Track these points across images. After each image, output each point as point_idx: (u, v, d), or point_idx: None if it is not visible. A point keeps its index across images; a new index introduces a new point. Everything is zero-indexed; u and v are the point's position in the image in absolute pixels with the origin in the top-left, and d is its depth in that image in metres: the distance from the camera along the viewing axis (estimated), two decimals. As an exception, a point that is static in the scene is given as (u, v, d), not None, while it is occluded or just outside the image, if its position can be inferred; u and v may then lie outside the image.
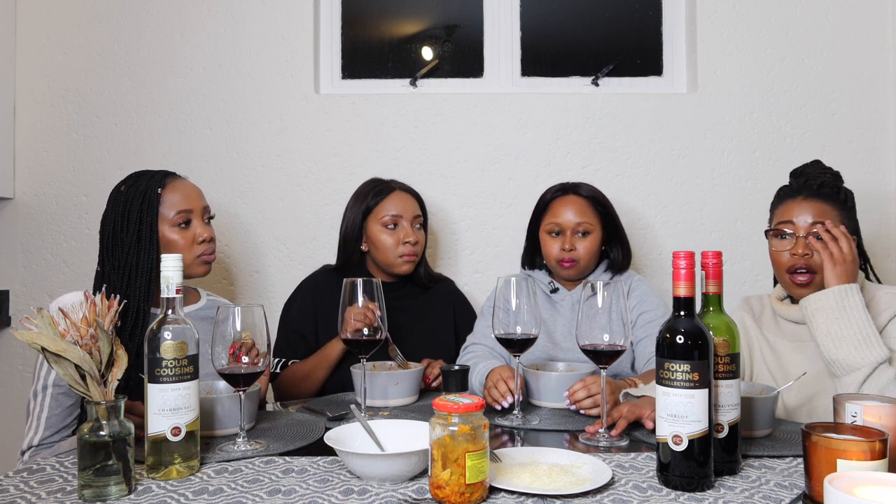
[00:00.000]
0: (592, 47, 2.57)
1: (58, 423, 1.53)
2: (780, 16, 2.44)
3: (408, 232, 1.99)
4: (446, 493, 1.02)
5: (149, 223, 1.61)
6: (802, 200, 1.62)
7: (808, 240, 1.58)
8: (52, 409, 1.52)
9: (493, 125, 2.45)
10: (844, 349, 1.45)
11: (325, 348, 1.88)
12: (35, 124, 2.45)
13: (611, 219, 1.97)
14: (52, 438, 1.52)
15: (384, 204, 2.01)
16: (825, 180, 1.63)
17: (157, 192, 1.64)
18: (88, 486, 1.05)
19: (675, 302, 1.12)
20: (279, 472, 1.18)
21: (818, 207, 1.60)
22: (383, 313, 1.52)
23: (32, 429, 1.52)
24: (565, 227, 1.90)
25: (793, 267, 1.60)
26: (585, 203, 1.93)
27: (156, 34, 2.44)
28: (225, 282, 2.44)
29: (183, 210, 1.65)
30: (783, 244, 1.63)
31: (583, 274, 1.96)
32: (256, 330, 1.30)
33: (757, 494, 1.07)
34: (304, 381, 1.89)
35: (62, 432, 1.53)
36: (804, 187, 1.64)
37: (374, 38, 2.58)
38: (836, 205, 1.61)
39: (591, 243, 1.91)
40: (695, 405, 1.07)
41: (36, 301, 2.41)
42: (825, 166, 1.70)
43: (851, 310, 1.47)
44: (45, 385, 1.53)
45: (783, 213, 1.65)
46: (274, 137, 2.44)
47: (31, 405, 1.54)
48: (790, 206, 1.64)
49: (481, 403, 1.05)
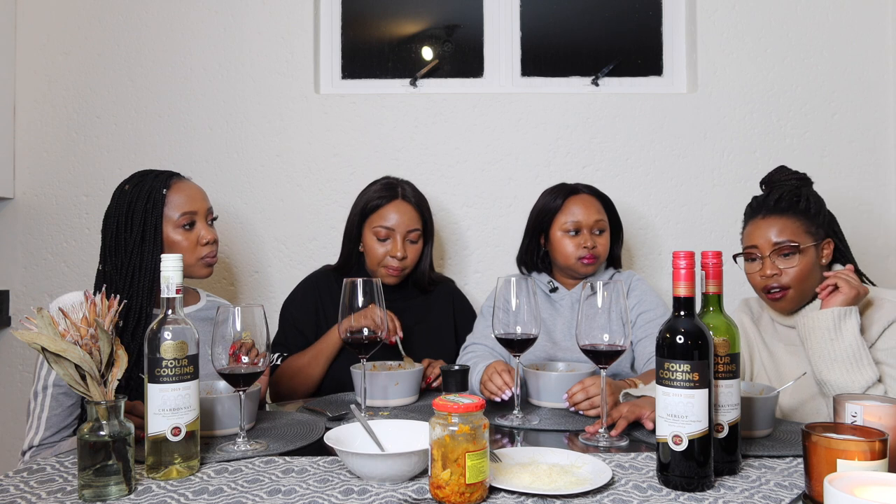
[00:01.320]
0: (592, 47, 2.57)
1: (58, 423, 1.53)
2: (780, 16, 2.44)
3: (397, 247, 1.95)
4: (446, 493, 1.02)
5: (153, 224, 1.61)
6: (762, 220, 1.65)
7: (774, 258, 1.61)
8: (52, 410, 1.52)
9: (493, 125, 2.45)
10: (835, 372, 1.46)
11: (322, 339, 1.89)
12: (35, 124, 2.45)
13: (615, 217, 2.02)
14: (52, 438, 1.52)
15: (381, 213, 1.98)
16: (782, 194, 1.65)
17: (162, 192, 1.63)
18: (88, 486, 1.05)
19: (675, 302, 1.12)
20: (279, 472, 1.18)
21: (779, 223, 1.62)
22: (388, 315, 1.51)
23: (33, 429, 1.52)
24: (585, 224, 1.93)
25: (766, 286, 1.64)
26: (598, 201, 1.98)
27: (156, 34, 2.44)
28: (225, 282, 2.44)
29: (187, 212, 1.65)
30: (753, 266, 1.67)
31: (597, 271, 1.99)
32: (256, 330, 1.30)
33: (757, 494, 1.07)
34: (300, 374, 1.89)
35: (62, 432, 1.53)
36: (762, 205, 1.67)
37: (373, 38, 2.58)
38: (796, 215, 1.63)
39: (606, 240, 1.97)
40: (695, 405, 1.07)
41: (36, 301, 2.41)
42: (789, 172, 1.71)
43: (846, 333, 1.48)
44: (45, 385, 1.53)
45: (748, 236, 1.69)
46: (274, 137, 2.44)
47: (32, 405, 1.54)
48: (752, 227, 1.67)
49: (481, 403, 1.05)
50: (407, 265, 1.99)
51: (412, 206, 2.00)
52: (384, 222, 1.96)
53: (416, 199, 2.02)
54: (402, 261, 1.96)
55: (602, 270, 2.02)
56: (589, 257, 1.91)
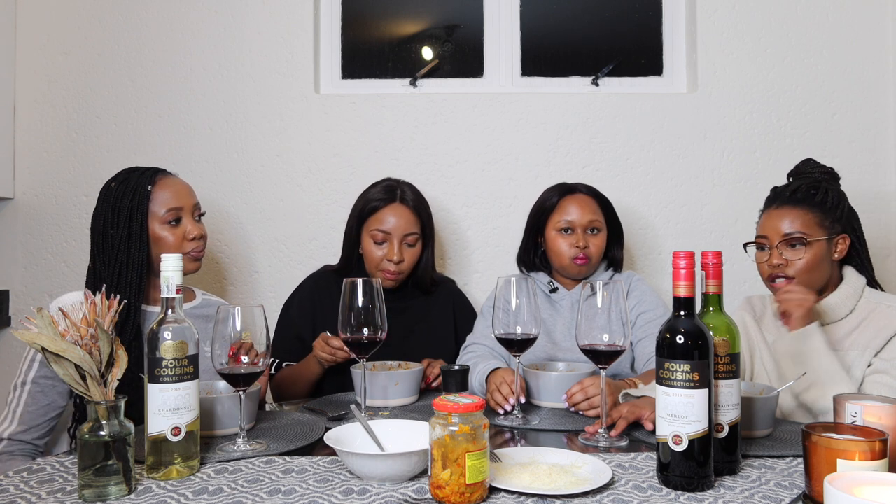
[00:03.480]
0: (592, 47, 2.57)
1: (30, 421, 1.53)
2: (780, 16, 2.44)
3: (393, 251, 1.94)
4: (446, 493, 1.02)
5: (139, 220, 1.62)
6: (776, 210, 1.66)
7: (781, 248, 1.62)
8: (27, 406, 1.53)
9: (493, 125, 2.45)
10: (812, 392, 1.48)
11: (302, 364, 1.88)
12: (35, 124, 2.45)
13: (613, 218, 2.00)
14: (22, 436, 1.52)
15: (377, 216, 1.96)
16: (801, 185, 1.66)
17: (146, 189, 1.64)
18: (88, 486, 1.06)
19: (675, 302, 1.12)
20: (279, 472, 1.18)
21: (792, 213, 1.63)
22: (383, 314, 1.51)
23: (6, 421, 1.54)
24: (578, 224, 1.92)
25: (772, 276, 1.65)
26: (594, 201, 1.97)
27: (156, 34, 2.44)
28: (225, 282, 2.44)
29: (173, 208, 1.65)
30: (762, 255, 1.68)
31: (590, 272, 1.97)
32: (256, 330, 1.30)
33: (757, 494, 1.06)
34: (293, 386, 1.91)
35: (34, 430, 1.53)
36: (779, 195, 1.69)
37: (373, 38, 2.58)
38: (811, 207, 1.63)
39: (601, 241, 1.95)
40: (695, 405, 1.07)
41: (36, 301, 2.41)
42: (816, 164, 1.72)
43: (812, 353, 1.50)
44: (24, 381, 1.55)
45: (761, 225, 1.70)
46: (274, 137, 2.44)
47: (10, 397, 1.55)
48: (766, 216, 1.69)
49: (481, 403, 1.05)
50: (403, 269, 1.97)
51: (409, 209, 1.98)
52: (380, 226, 1.95)
53: (414, 202, 1.99)
54: (399, 265, 1.95)
55: (601, 272, 2.01)
56: (582, 257, 1.90)
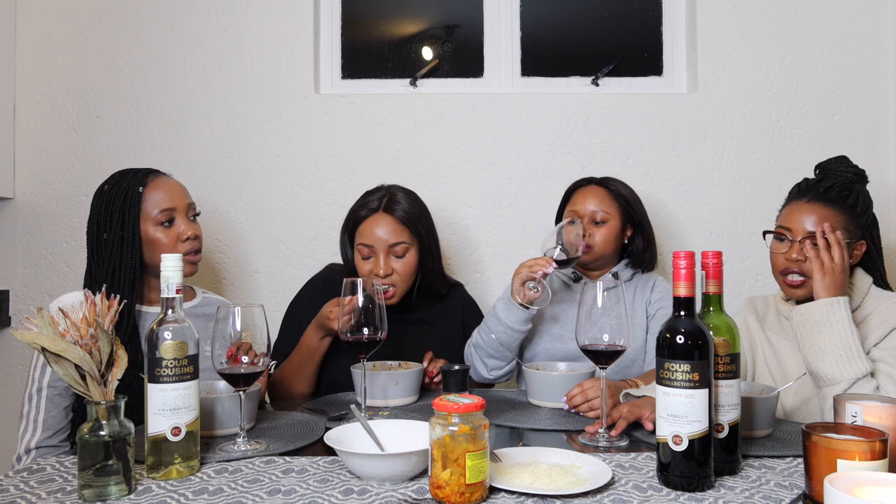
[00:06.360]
0: (592, 47, 2.57)
1: (55, 425, 1.53)
2: (780, 16, 2.44)
3: (378, 264, 1.84)
4: (446, 493, 1.02)
5: (131, 222, 1.61)
6: (806, 203, 1.63)
7: (804, 244, 1.59)
8: (48, 411, 1.53)
9: (493, 125, 2.45)
10: (826, 363, 1.46)
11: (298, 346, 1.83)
12: (35, 124, 2.45)
13: (632, 212, 1.98)
14: (50, 441, 1.52)
15: (360, 229, 1.88)
16: (834, 184, 1.62)
17: (138, 190, 1.63)
18: (88, 486, 1.05)
19: (675, 302, 1.12)
20: (279, 472, 1.18)
21: (821, 212, 1.60)
22: (383, 314, 1.50)
23: (29, 431, 1.52)
24: (581, 213, 1.94)
25: (787, 269, 1.62)
26: (604, 193, 1.97)
27: (156, 34, 2.44)
28: (224, 282, 2.44)
29: (166, 208, 1.65)
30: (780, 247, 1.64)
31: (601, 263, 1.97)
32: (256, 330, 1.30)
33: (757, 494, 1.06)
34: (296, 378, 1.85)
35: (59, 434, 1.53)
36: (811, 189, 1.64)
37: (373, 38, 2.58)
38: (842, 209, 1.60)
39: (607, 231, 1.93)
40: (695, 405, 1.07)
41: (36, 301, 2.41)
42: (849, 163, 1.68)
43: (836, 324, 1.47)
44: (40, 387, 1.53)
45: (785, 216, 1.66)
46: (274, 137, 2.44)
47: (26, 408, 1.54)
48: (793, 208, 1.65)
49: (481, 403, 1.05)
50: (396, 282, 1.86)
51: (393, 217, 1.86)
52: (363, 239, 1.86)
53: (401, 209, 1.87)
54: (387, 278, 1.84)
55: (623, 268, 1.99)
56: (583, 247, 1.91)
